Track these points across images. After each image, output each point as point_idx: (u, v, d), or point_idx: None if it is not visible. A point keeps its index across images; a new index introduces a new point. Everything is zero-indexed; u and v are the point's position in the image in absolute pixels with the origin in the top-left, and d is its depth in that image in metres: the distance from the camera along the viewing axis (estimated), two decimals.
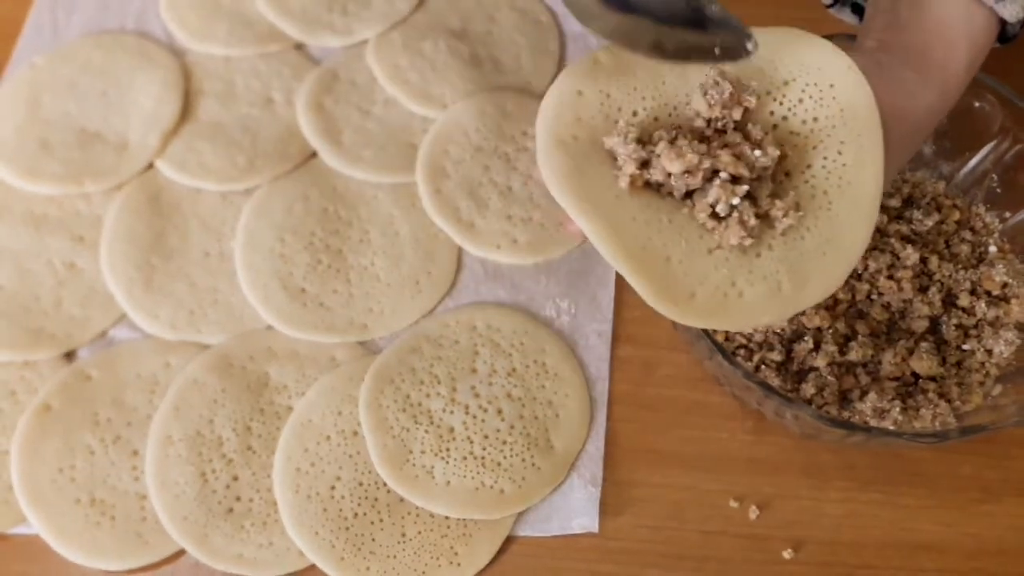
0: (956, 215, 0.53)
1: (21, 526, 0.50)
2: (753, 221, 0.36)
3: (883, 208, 0.52)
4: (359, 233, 0.59)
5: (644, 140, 0.38)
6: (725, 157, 0.36)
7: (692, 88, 0.39)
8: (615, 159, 0.37)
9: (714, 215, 0.37)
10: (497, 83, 0.63)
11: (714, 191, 0.36)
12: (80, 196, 0.61)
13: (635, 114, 0.39)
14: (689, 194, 0.37)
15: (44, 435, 0.52)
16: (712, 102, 0.38)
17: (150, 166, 0.62)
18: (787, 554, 0.48)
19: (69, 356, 0.56)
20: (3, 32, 0.68)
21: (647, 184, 0.37)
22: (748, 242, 0.36)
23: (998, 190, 0.52)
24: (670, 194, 0.37)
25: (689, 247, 0.36)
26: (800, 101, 0.39)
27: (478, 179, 0.59)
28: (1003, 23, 0.42)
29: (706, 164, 0.36)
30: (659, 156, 0.37)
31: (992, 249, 0.52)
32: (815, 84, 0.39)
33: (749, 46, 0.37)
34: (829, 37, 0.49)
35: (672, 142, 0.37)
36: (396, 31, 0.66)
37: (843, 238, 0.37)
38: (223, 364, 0.54)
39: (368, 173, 0.61)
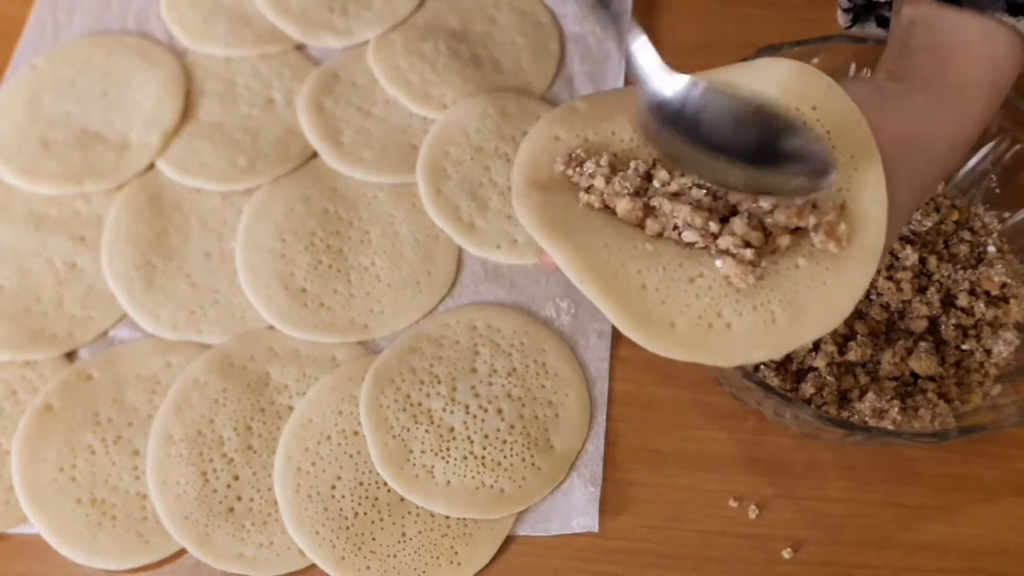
0: (955, 215, 0.53)
1: (22, 526, 0.51)
2: (750, 255, 0.34)
3: None
4: (360, 233, 0.59)
5: (618, 166, 0.38)
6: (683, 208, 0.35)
7: None
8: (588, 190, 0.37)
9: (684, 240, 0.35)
10: (497, 84, 0.64)
11: (684, 212, 0.35)
12: (80, 196, 0.61)
13: (615, 156, 0.38)
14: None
15: (45, 435, 0.52)
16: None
17: (151, 166, 0.62)
18: (787, 554, 0.48)
19: (70, 356, 0.56)
20: (4, 32, 0.69)
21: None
22: (751, 280, 0.34)
23: (997, 190, 0.52)
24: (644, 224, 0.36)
25: (667, 274, 0.34)
26: None
27: (478, 179, 0.59)
28: None
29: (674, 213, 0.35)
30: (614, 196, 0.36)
31: (991, 249, 0.52)
32: (796, 108, 0.37)
33: (827, 180, 0.33)
34: (827, 39, 0.50)
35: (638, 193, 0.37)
36: (396, 32, 0.66)
37: (845, 267, 0.35)
38: (224, 364, 0.54)
39: (368, 174, 0.61)
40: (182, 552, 0.50)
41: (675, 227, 0.36)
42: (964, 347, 0.49)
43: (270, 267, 0.57)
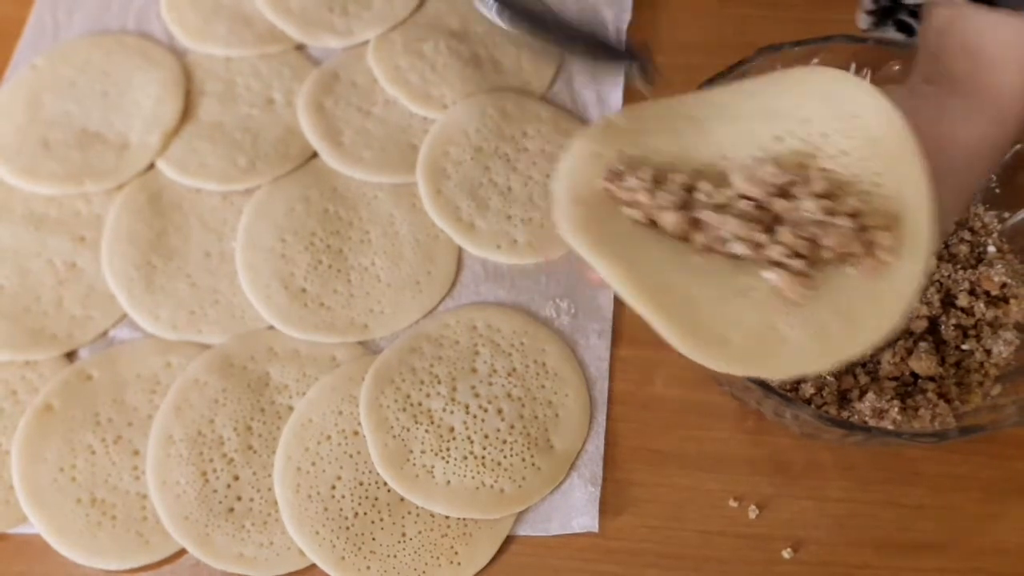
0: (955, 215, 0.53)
1: (22, 526, 0.51)
2: (800, 266, 0.34)
3: None
4: (359, 233, 0.59)
5: (660, 179, 0.37)
6: (732, 221, 0.35)
7: (713, 140, 0.38)
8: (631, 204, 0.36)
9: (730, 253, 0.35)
10: (497, 84, 0.64)
11: (731, 224, 0.34)
12: (80, 196, 0.61)
13: (656, 169, 0.38)
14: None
15: (45, 435, 0.52)
16: (752, 180, 0.36)
17: (151, 166, 0.62)
18: (787, 554, 0.48)
19: (70, 356, 0.56)
20: (4, 32, 0.69)
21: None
22: (803, 292, 0.33)
23: (997, 190, 0.52)
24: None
25: (719, 288, 0.34)
26: (825, 135, 0.37)
27: (478, 180, 0.59)
28: None
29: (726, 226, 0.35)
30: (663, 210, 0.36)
31: (991, 249, 0.52)
32: (838, 117, 0.37)
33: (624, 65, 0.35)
34: (827, 39, 0.50)
35: (685, 204, 0.36)
36: (396, 32, 0.66)
37: (895, 272, 0.34)
38: (224, 364, 0.54)
39: (368, 174, 0.61)
40: (182, 552, 0.50)
41: (722, 239, 0.35)
42: (964, 347, 0.49)
43: (270, 267, 0.57)
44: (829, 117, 0.37)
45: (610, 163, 0.38)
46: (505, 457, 0.50)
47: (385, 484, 0.50)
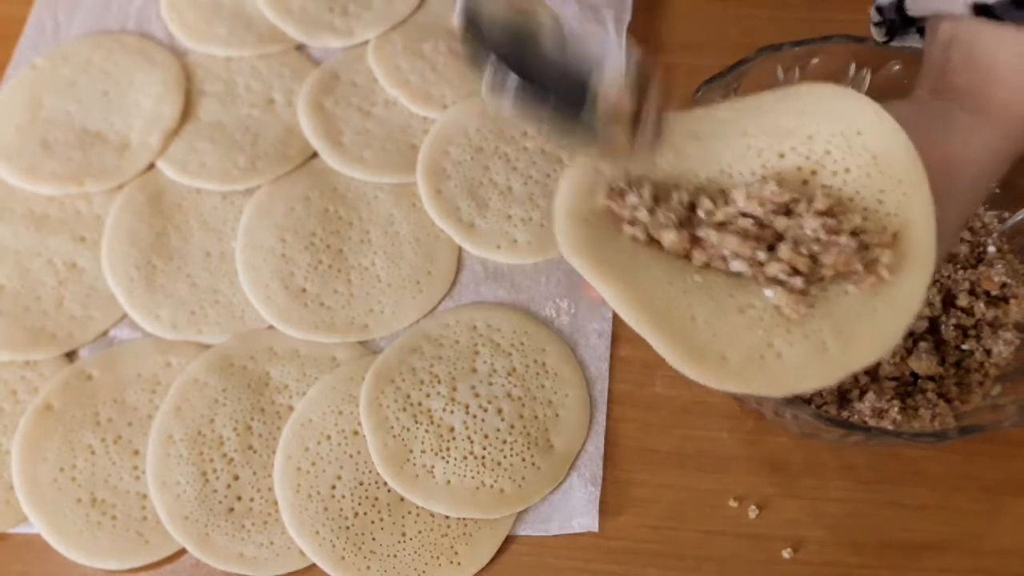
0: None
1: (22, 526, 0.51)
2: (800, 284, 0.34)
3: None
4: (360, 233, 0.59)
5: (661, 197, 0.37)
6: (732, 239, 0.35)
7: (714, 157, 0.38)
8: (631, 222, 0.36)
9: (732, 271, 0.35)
10: None
11: (731, 242, 0.35)
12: (81, 196, 0.61)
13: (656, 185, 0.38)
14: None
15: (45, 435, 0.52)
16: (752, 195, 0.36)
17: (151, 166, 0.62)
18: (786, 553, 0.48)
19: (70, 356, 0.56)
20: (4, 32, 0.69)
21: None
22: (803, 310, 0.34)
23: (997, 190, 0.52)
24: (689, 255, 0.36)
25: (717, 306, 0.34)
26: (827, 152, 0.37)
27: (478, 179, 0.59)
28: None
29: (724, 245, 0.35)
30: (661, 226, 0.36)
31: (991, 249, 0.52)
32: (841, 133, 0.37)
33: (611, 72, 0.34)
34: (827, 39, 0.50)
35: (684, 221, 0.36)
36: (396, 32, 0.66)
37: (895, 292, 0.35)
38: (224, 364, 0.54)
39: (369, 174, 0.61)
40: (182, 552, 0.50)
41: (722, 257, 0.36)
42: (964, 347, 0.49)
43: (270, 267, 0.57)
44: (832, 134, 0.37)
45: (611, 180, 0.38)
46: (505, 457, 0.50)
47: (385, 484, 0.50)
